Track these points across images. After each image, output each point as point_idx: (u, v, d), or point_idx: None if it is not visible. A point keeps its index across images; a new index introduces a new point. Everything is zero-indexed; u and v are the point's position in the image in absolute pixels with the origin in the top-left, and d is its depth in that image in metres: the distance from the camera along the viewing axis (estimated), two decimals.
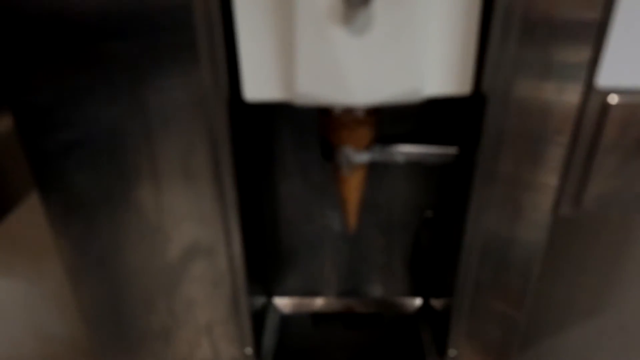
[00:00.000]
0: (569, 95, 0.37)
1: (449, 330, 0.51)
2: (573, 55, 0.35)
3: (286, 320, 0.63)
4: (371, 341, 0.63)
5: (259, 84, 0.38)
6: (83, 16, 0.35)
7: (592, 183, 0.40)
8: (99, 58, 0.36)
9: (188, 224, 0.44)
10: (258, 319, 0.58)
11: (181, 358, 0.52)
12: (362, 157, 0.44)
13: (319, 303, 0.64)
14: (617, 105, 0.36)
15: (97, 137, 0.39)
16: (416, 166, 0.55)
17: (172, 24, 0.35)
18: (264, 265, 0.61)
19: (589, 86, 0.36)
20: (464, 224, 0.44)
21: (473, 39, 0.36)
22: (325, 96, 0.36)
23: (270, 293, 0.65)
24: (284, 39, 0.35)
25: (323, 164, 0.54)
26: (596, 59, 0.35)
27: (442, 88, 0.38)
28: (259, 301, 0.59)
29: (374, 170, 0.48)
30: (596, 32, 0.34)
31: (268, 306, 0.64)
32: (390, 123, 0.46)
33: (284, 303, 0.64)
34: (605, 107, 0.36)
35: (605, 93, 0.36)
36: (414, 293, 0.65)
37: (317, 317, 0.63)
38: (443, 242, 0.55)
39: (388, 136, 0.46)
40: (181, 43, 0.35)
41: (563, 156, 0.39)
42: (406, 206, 0.59)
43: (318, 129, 0.46)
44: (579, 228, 0.49)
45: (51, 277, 0.46)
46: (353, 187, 0.47)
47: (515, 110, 0.38)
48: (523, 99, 0.37)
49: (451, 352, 0.52)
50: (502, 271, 0.46)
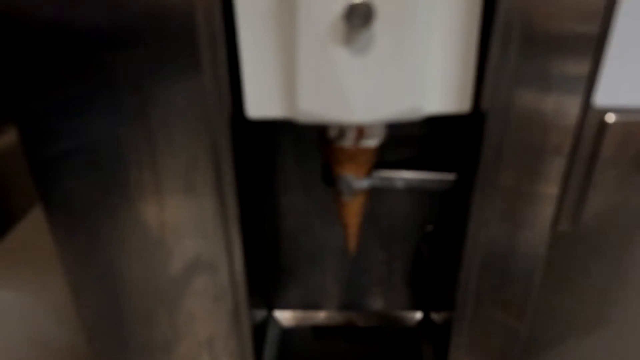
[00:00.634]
0: (567, 113, 0.37)
1: (450, 344, 0.51)
2: (571, 74, 0.36)
3: (287, 333, 0.63)
4: (372, 355, 0.63)
5: (262, 102, 0.38)
6: (86, 28, 0.35)
7: (591, 199, 0.40)
8: (102, 73, 0.36)
9: (190, 239, 0.44)
10: (259, 333, 0.58)
11: None
12: (363, 184, 0.45)
13: (320, 316, 0.64)
14: (615, 123, 0.36)
15: (100, 151, 0.40)
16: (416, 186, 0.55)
17: (175, 39, 0.35)
18: (265, 278, 0.62)
19: (587, 104, 0.37)
20: (464, 239, 0.44)
21: (472, 58, 0.37)
22: (326, 114, 0.37)
23: (271, 306, 0.65)
24: (287, 57, 0.36)
25: (322, 173, 0.54)
26: (593, 78, 0.36)
27: (442, 106, 0.38)
28: (260, 314, 0.59)
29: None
30: (593, 52, 0.35)
31: (269, 319, 0.64)
32: (390, 149, 0.47)
33: (285, 316, 0.64)
34: (602, 126, 0.37)
35: (602, 112, 0.36)
36: (415, 306, 0.65)
37: (318, 331, 0.63)
38: (443, 256, 0.56)
39: (389, 162, 0.47)
40: (184, 59, 0.36)
41: (561, 172, 0.40)
42: (407, 220, 0.59)
43: (320, 149, 0.46)
44: (579, 242, 0.49)
45: (53, 289, 0.46)
46: (353, 212, 0.48)
47: (514, 126, 0.38)
48: (522, 116, 0.38)
49: None
50: (503, 285, 0.46)
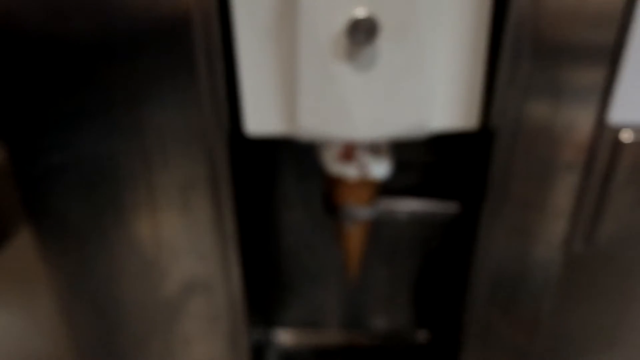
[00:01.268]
0: (581, 129, 0.36)
1: None
2: (585, 88, 0.34)
3: (287, 353, 0.61)
4: None
5: (261, 119, 0.37)
6: (79, 42, 0.34)
7: (606, 219, 0.39)
8: (95, 87, 0.35)
9: (186, 258, 0.42)
10: (258, 353, 0.56)
11: None
12: (365, 214, 0.44)
13: (322, 336, 0.63)
14: (630, 140, 0.35)
15: (92, 168, 0.38)
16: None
17: (171, 53, 0.34)
18: (265, 297, 0.60)
19: (601, 120, 0.35)
20: (472, 258, 0.42)
21: (480, 72, 0.35)
22: (328, 131, 0.36)
23: (271, 325, 0.63)
24: (287, 73, 0.35)
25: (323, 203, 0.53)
26: (608, 93, 0.34)
27: (449, 123, 0.37)
28: (259, 334, 0.57)
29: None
30: (609, 65, 0.33)
31: (268, 339, 0.62)
32: (394, 175, 0.45)
33: (286, 336, 0.63)
34: (617, 143, 0.35)
35: (617, 129, 0.35)
36: (420, 325, 0.63)
37: (320, 351, 0.61)
38: (450, 273, 0.54)
39: (392, 189, 0.46)
40: (180, 74, 0.35)
41: (575, 191, 0.38)
42: (411, 235, 0.58)
43: (322, 177, 0.45)
44: (592, 262, 0.47)
45: (46, 308, 0.45)
46: (355, 242, 0.47)
47: (524, 143, 0.37)
48: (532, 133, 0.36)
49: None
50: (514, 305, 0.45)
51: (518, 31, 0.33)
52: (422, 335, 0.63)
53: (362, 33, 0.30)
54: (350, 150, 0.40)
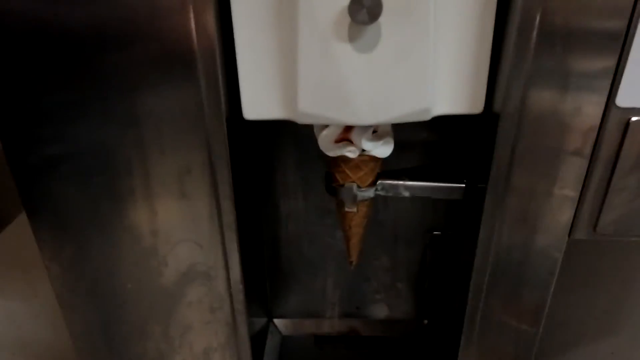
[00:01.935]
0: (587, 114, 0.35)
1: (459, 352, 0.49)
2: (593, 73, 0.33)
3: (287, 341, 0.61)
4: None
5: (259, 102, 0.36)
6: (75, 31, 0.33)
7: (610, 205, 0.38)
8: (91, 76, 0.34)
9: (184, 247, 0.42)
10: (258, 342, 0.56)
11: None
12: (367, 194, 0.44)
13: (322, 324, 0.62)
14: (638, 125, 0.34)
15: (88, 156, 0.38)
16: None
17: (167, 39, 0.33)
18: (264, 285, 0.59)
19: (609, 106, 0.34)
20: (475, 244, 0.42)
21: (486, 55, 0.34)
22: (328, 115, 0.35)
23: (270, 314, 0.63)
24: (286, 55, 0.34)
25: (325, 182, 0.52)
26: (617, 78, 0.33)
27: (453, 107, 0.36)
28: (259, 323, 0.57)
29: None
30: (619, 50, 0.32)
31: (268, 327, 0.62)
32: (397, 155, 0.43)
33: (285, 324, 0.62)
34: (625, 128, 0.34)
35: (625, 113, 0.34)
36: (420, 314, 0.63)
37: (320, 339, 0.61)
38: (451, 261, 0.53)
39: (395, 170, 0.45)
40: (176, 59, 0.34)
41: (580, 176, 0.37)
42: (411, 224, 0.57)
43: (323, 157, 0.44)
44: (595, 248, 0.47)
45: (44, 295, 0.44)
46: (356, 223, 0.46)
47: (529, 128, 0.36)
48: (538, 117, 0.35)
49: None
50: (516, 291, 0.44)
51: (525, 15, 0.32)
52: (423, 323, 0.63)
53: (365, 11, 0.29)
54: (347, 131, 0.39)
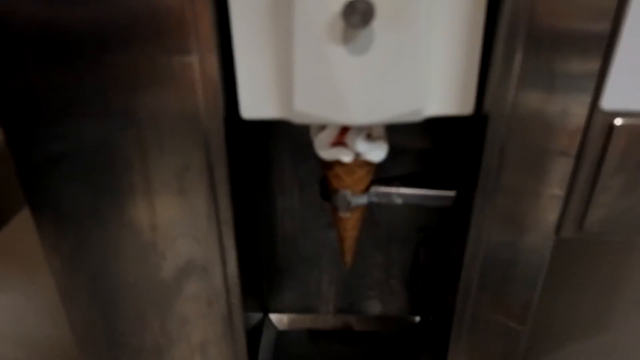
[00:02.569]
0: (574, 116, 0.36)
1: (449, 349, 0.50)
2: (578, 75, 0.34)
3: (282, 336, 0.62)
4: (369, 359, 0.62)
5: (257, 102, 0.37)
6: (74, 29, 0.34)
7: (596, 205, 0.39)
8: (91, 74, 0.35)
9: (182, 242, 0.43)
10: (253, 336, 0.57)
11: None
12: (360, 200, 0.45)
13: (316, 320, 0.63)
14: (622, 128, 0.35)
15: (89, 154, 0.39)
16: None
17: (164, 38, 0.34)
18: (260, 281, 0.60)
19: (594, 107, 0.35)
20: (465, 243, 0.43)
21: (476, 58, 0.35)
22: (323, 115, 0.36)
23: (266, 309, 0.64)
24: (282, 56, 0.35)
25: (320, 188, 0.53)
26: (602, 80, 0.34)
27: (444, 108, 0.37)
28: (255, 318, 0.58)
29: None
30: (603, 53, 0.33)
31: (264, 322, 0.63)
32: (389, 161, 0.45)
33: (281, 319, 0.63)
34: (610, 130, 0.35)
35: (610, 115, 0.35)
36: (413, 311, 0.64)
37: (314, 334, 0.62)
38: (443, 259, 0.54)
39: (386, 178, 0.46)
40: (174, 58, 0.35)
41: (566, 176, 0.38)
42: (405, 222, 0.58)
43: (320, 162, 0.45)
44: (582, 247, 0.48)
45: (45, 289, 0.45)
46: (350, 227, 0.48)
47: (517, 129, 0.37)
48: (526, 119, 0.36)
49: None
50: (504, 289, 0.45)
51: (514, 19, 0.33)
52: (415, 320, 0.64)
53: (358, 15, 0.30)
54: (342, 134, 0.40)
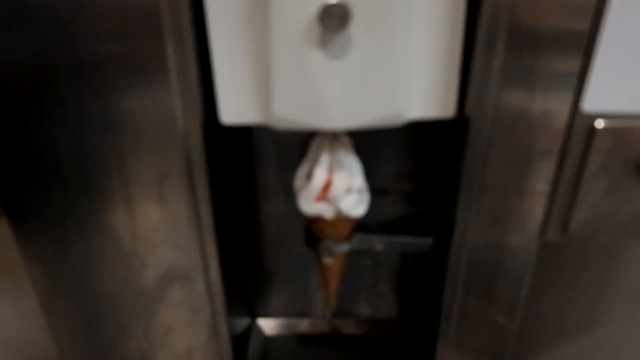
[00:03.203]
0: (556, 117, 0.36)
1: (436, 352, 0.50)
2: (560, 75, 0.34)
3: (270, 341, 0.62)
4: None
5: (236, 107, 0.36)
6: (48, 34, 0.33)
7: (580, 207, 0.39)
8: (67, 82, 0.35)
9: (163, 249, 0.42)
10: (240, 342, 0.56)
11: None
12: (343, 248, 0.47)
13: (305, 324, 0.63)
14: (604, 130, 0.35)
15: (67, 161, 0.38)
16: (404, 187, 0.55)
17: (140, 43, 0.33)
18: (247, 286, 0.60)
19: (576, 108, 0.35)
20: (449, 245, 0.43)
21: (456, 60, 0.35)
22: (303, 120, 0.35)
23: (254, 314, 0.63)
24: (261, 61, 0.34)
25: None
26: (583, 81, 0.34)
27: (425, 111, 0.36)
28: (242, 323, 0.58)
29: None
30: (583, 53, 0.33)
31: (252, 327, 0.62)
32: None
33: (269, 324, 0.63)
34: (592, 131, 0.35)
35: (591, 118, 0.35)
36: (401, 313, 0.63)
37: (303, 339, 0.62)
38: (429, 262, 0.54)
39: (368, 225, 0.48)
40: (151, 63, 0.34)
41: (550, 179, 0.38)
42: (393, 225, 0.58)
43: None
44: (567, 249, 0.48)
45: (30, 295, 0.45)
46: (334, 272, 0.50)
47: (499, 131, 0.37)
48: (508, 120, 0.36)
49: None
50: (490, 291, 0.45)
51: (493, 20, 0.33)
52: (404, 323, 0.64)
53: (335, 19, 0.30)
54: (325, 190, 0.42)
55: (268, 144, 0.52)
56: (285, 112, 0.35)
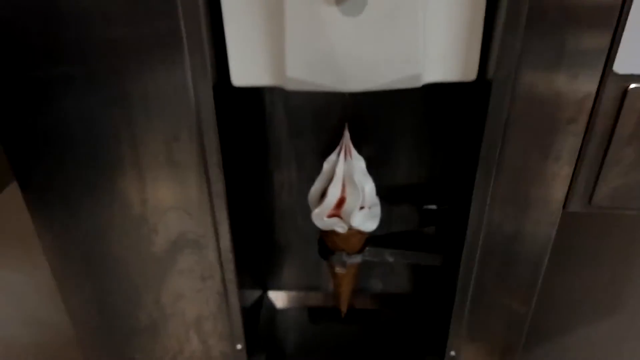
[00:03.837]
0: (583, 82, 0.34)
1: (450, 328, 0.49)
2: (589, 41, 0.32)
3: (281, 314, 0.61)
4: (369, 337, 0.61)
5: (247, 69, 0.35)
6: (62, 6, 0.32)
7: (606, 177, 0.37)
8: (78, 45, 0.34)
9: (174, 215, 0.42)
10: (251, 313, 0.56)
11: (170, 353, 0.51)
12: (355, 259, 0.49)
13: (316, 297, 0.63)
14: (636, 92, 0.33)
15: (78, 127, 0.37)
16: (418, 159, 0.53)
17: (154, 8, 0.32)
18: (259, 257, 0.60)
19: (606, 73, 0.33)
20: (467, 219, 0.41)
21: (479, 22, 0.33)
22: (316, 81, 0.34)
23: (265, 287, 0.63)
24: (273, 20, 0.33)
25: (319, 153, 0.51)
26: (614, 44, 0.32)
27: (445, 74, 0.35)
28: (253, 295, 0.57)
29: (374, 163, 0.46)
30: (614, 17, 0.31)
31: (263, 300, 0.62)
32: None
33: (280, 297, 0.63)
34: (623, 95, 0.33)
35: (623, 80, 0.33)
36: (414, 289, 0.63)
37: (314, 312, 0.61)
38: (446, 236, 0.53)
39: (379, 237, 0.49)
40: (162, 25, 0.33)
41: (574, 148, 0.36)
42: (406, 199, 0.56)
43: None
44: (589, 223, 0.46)
45: (45, 268, 0.45)
46: (346, 282, 0.51)
47: (523, 98, 0.35)
48: (532, 87, 0.34)
49: (451, 351, 0.50)
50: (508, 269, 0.44)
51: None
52: (418, 298, 0.63)
53: None
54: (338, 207, 0.43)
55: (280, 111, 0.51)
56: (298, 73, 0.34)
